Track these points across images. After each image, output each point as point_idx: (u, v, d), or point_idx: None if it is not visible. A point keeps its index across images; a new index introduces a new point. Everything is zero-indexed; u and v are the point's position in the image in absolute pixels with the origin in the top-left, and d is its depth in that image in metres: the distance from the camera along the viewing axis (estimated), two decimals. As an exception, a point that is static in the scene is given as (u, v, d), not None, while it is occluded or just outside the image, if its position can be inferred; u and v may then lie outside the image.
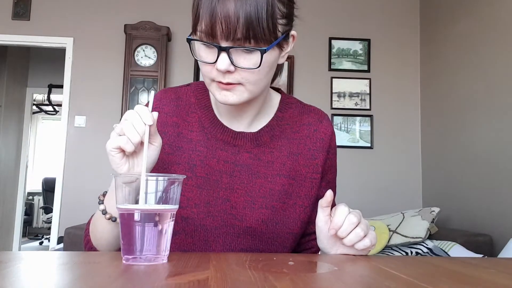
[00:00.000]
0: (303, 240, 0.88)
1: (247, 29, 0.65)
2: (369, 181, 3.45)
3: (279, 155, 0.83)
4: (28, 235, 7.00)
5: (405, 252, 2.45)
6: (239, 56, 0.69)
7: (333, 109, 3.49)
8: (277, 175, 0.82)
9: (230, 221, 0.79)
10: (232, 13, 0.65)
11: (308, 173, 0.84)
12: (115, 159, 0.65)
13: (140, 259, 0.57)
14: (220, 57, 0.67)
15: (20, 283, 0.46)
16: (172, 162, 0.80)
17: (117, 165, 0.66)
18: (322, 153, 0.86)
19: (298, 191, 0.83)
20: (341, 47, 3.58)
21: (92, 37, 3.47)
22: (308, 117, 0.88)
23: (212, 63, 0.69)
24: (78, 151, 3.36)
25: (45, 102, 6.24)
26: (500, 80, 2.56)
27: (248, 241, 0.80)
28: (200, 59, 0.71)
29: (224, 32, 0.66)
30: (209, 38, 0.68)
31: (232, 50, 0.68)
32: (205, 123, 0.82)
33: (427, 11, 3.54)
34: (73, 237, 2.32)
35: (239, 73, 0.69)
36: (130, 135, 0.63)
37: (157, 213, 0.58)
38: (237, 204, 0.80)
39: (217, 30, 0.66)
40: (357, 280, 0.51)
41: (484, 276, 0.53)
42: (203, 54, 0.71)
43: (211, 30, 0.67)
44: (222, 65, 0.67)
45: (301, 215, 0.83)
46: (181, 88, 0.87)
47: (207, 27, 0.67)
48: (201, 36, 0.69)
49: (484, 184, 2.66)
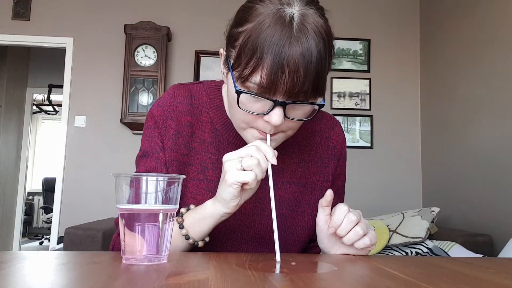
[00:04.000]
0: (307, 246, 0.87)
1: (314, 85, 0.61)
2: (369, 181, 3.45)
3: (290, 162, 0.82)
4: (28, 235, 7.00)
5: (405, 252, 2.45)
6: (292, 108, 0.64)
7: (333, 109, 3.49)
8: (288, 183, 0.81)
9: (239, 227, 0.79)
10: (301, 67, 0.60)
11: (319, 181, 0.83)
12: (235, 192, 0.64)
13: (140, 259, 0.57)
14: (275, 111, 0.62)
15: (20, 283, 0.46)
16: (186, 163, 0.79)
17: (235, 198, 0.65)
18: (333, 161, 0.85)
19: (308, 199, 0.82)
20: (341, 47, 3.58)
21: (92, 37, 3.47)
22: (320, 123, 0.86)
23: (260, 114, 0.64)
24: (78, 151, 3.36)
25: (45, 102, 6.24)
26: (500, 80, 2.56)
27: (255, 248, 0.80)
28: (245, 108, 0.65)
29: (288, 88, 0.61)
30: (265, 92, 0.62)
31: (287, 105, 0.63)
32: (217, 125, 0.80)
33: (427, 11, 3.54)
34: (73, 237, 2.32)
35: (286, 123, 0.65)
36: (258, 172, 0.62)
37: (157, 213, 0.58)
38: (246, 210, 0.79)
39: (281, 85, 0.60)
40: (357, 280, 0.51)
41: (484, 276, 0.53)
42: (248, 104, 0.65)
43: (272, 84, 0.60)
44: (278, 120, 0.63)
45: (309, 223, 0.82)
46: (193, 86, 0.83)
47: (268, 81, 0.60)
48: (255, 88, 0.62)
49: (484, 184, 2.66)
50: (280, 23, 0.60)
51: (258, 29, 0.61)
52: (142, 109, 3.26)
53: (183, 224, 0.70)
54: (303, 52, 0.60)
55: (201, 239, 0.71)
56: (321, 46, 0.62)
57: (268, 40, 0.60)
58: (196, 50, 3.47)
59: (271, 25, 0.60)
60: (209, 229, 0.70)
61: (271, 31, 0.60)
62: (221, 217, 0.68)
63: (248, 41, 0.62)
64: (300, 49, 0.60)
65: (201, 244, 0.71)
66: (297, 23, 0.61)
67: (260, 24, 0.61)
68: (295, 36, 0.60)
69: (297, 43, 0.60)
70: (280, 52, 0.59)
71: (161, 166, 0.78)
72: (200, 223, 0.69)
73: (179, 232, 0.70)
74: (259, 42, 0.60)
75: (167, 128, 0.78)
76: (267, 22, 0.61)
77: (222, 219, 0.69)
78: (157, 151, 0.78)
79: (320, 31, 0.62)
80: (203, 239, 0.72)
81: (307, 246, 0.87)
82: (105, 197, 3.19)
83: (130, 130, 3.36)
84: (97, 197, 3.26)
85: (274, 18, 0.61)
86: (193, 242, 0.70)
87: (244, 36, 0.63)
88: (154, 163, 0.78)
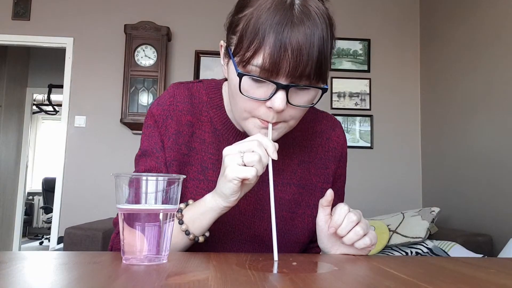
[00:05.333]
0: (307, 246, 0.87)
1: (317, 67, 0.60)
2: (369, 181, 3.45)
3: (290, 163, 0.81)
4: (28, 235, 7.00)
5: (405, 252, 2.45)
6: (294, 93, 0.63)
7: (333, 109, 3.49)
8: (288, 184, 0.80)
9: (238, 228, 0.78)
10: (304, 47, 0.59)
11: (319, 182, 0.83)
12: (236, 187, 0.63)
13: (140, 259, 0.57)
14: (278, 95, 0.61)
15: (20, 283, 0.46)
16: (186, 163, 0.78)
17: (235, 193, 0.64)
18: (334, 163, 0.85)
19: (308, 200, 0.82)
20: (341, 47, 3.58)
21: (92, 37, 3.47)
22: (321, 124, 0.86)
23: (263, 100, 0.63)
24: (78, 151, 3.36)
25: (45, 102, 6.24)
26: (500, 80, 2.56)
27: (255, 249, 0.80)
28: (247, 94, 0.64)
29: (290, 70, 0.60)
30: (267, 74, 0.61)
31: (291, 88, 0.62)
32: (217, 124, 0.80)
33: (427, 11, 3.54)
34: (73, 237, 2.32)
35: (288, 111, 0.64)
36: (259, 168, 0.61)
37: (157, 213, 0.58)
38: (246, 211, 0.79)
39: (283, 67, 0.59)
40: (357, 280, 0.51)
41: (484, 276, 0.53)
42: (250, 89, 0.63)
43: (275, 66, 0.59)
44: (281, 104, 0.61)
45: (309, 225, 0.81)
46: (193, 85, 0.83)
47: (270, 63, 0.59)
48: (257, 70, 0.61)
49: (484, 184, 2.65)
50: (282, 5, 0.60)
51: (259, 11, 0.61)
52: (142, 109, 3.26)
53: (182, 220, 0.70)
54: (306, 33, 0.60)
55: (202, 234, 0.71)
56: (323, 28, 0.62)
57: (270, 21, 0.60)
58: (196, 50, 3.47)
59: (272, 7, 0.60)
60: (209, 223, 0.70)
61: (272, 12, 0.60)
62: (221, 211, 0.68)
63: (249, 24, 0.61)
64: (303, 29, 0.60)
65: (201, 239, 0.71)
66: (298, 5, 0.61)
67: (261, 6, 0.61)
68: (298, 17, 0.60)
69: (300, 24, 0.60)
70: (283, 31, 0.59)
71: (161, 165, 0.77)
72: (200, 218, 0.69)
73: (179, 228, 0.69)
74: (261, 23, 0.60)
75: (167, 128, 0.78)
76: (268, 5, 0.61)
77: (222, 213, 0.68)
78: (157, 150, 0.78)
79: (323, 14, 0.63)
80: (203, 234, 0.71)
81: (307, 247, 0.87)
82: (105, 197, 3.19)
83: (130, 130, 3.36)
84: (97, 197, 3.26)
85: (275, 1, 0.61)
86: (194, 237, 0.70)
87: (245, 20, 0.63)
88: (154, 162, 0.78)
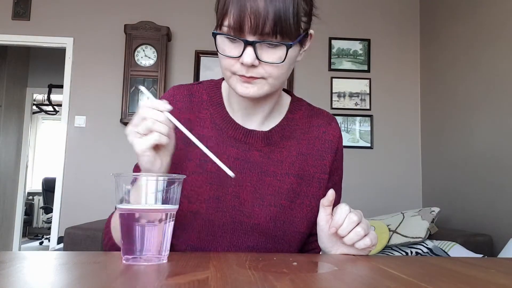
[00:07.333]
0: (307, 240, 0.88)
1: (275, 24, 0.67)
2: (369, 181, 3.45)
3: (288, 154, 0.84)
4: (28, 235, 7.00)
5: (405, 252, 2.45)
6: (264, 51, 0.70)
7: (333, 109, 3.49)
8: (286, 174, 0.83)
9: (239, 218, 0.80)
10: (261, 8, 0.66)
11: (316, 173, 0.85)
12: (150, 158, 0.66)
13: (140, 259, 0.57)
14: (246, 51, 0.69)
15: (20, 283, 0.46)
16: (184, 158, 0.81)
17: (152, 164, 0.66)
18: (330, 154, 0.87)
19: (306, 191, 0.84)
20: (341, 47, 3.58)
21: (92, 37, 3.47)
22: (318, 119, 0.89)
23: (236, 57, 0.70)
24: (78, 151, 3.36)
25: (45, 102, 6.24)
26: (500, 80, 2.56)
27: (256, 238, 0.80)
28: (224, 53, 0.72)
29: (252, 27, 0.67)
30: (236, 33, 0.69)
31: (257, 45, 0.69)
32: (217, 120, 0.83)
33: (427, 11, 3.54)
34: (73, 237, 2.32)
35: (262, 67, 0.71)
36: (159, 127, 0.64)
37: (157, 213, 0.58)
38: (245, 201, 0.80)
39: (246, 24, 0.67)
40: (357, 280, 0.51)
41: (484, 276, 0.53)
42: (226, 48, 0.71)
43: (239, 24, 0.68)
44: (248, 58, 0.68)
45: (308, 215, 0.83)
46: (193, 86, 0.87)
47: (235, 22, 0.68)
48: (228, 30, 0.69)
49: (484, 184, 2.66)
50: None
51: None
52: (142, 109, 3.25)
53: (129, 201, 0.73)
54: None
55: None
56: None
57: None
58: (196, 50, 3.47)
59: None
60: None
61: None
62: None
63: None
64: None
65: None
66: None
67: None
68: None
69: None
70: None
71: None
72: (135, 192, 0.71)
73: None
74: None
75: None
76: None
77: None
78: None
79: None
80: None
81: (306, 241, 0.88)
82: (105, 197, 3.19)
83: (130, 130, 3.35)
84: (97, 197, 3.26)
85: None
86: None
87: None
88: None
